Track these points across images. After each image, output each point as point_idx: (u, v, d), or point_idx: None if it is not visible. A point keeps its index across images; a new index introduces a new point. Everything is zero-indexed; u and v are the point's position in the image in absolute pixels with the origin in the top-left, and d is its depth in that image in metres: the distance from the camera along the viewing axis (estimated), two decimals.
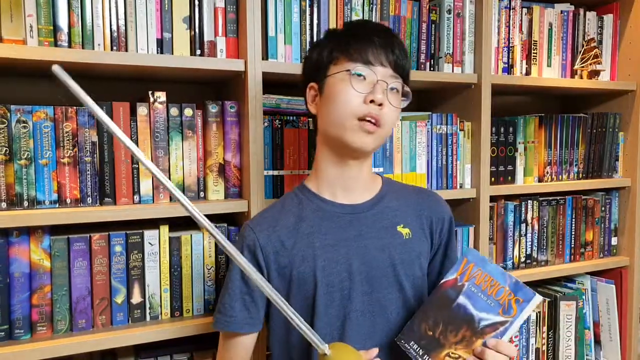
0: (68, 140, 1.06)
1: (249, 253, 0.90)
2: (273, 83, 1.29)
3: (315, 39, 1.26)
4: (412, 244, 0.94)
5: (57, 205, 1.06)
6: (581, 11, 1.68)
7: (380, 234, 0.92)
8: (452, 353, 0.78)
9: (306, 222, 0.91)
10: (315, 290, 0.87)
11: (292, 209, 0.94)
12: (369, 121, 0.85)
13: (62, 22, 1.03)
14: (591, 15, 1.70)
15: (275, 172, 1.23)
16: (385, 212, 0.94)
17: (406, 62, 0.91)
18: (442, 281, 0.86)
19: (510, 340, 0.79)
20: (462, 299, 0.82)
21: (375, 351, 0.78)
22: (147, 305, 1.13)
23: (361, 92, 0.85)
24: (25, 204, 1.03)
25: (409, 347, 0.82)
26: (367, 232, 0.91)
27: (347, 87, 0.85)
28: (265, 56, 1.20)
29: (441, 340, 0.80)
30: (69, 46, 1.04)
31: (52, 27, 1.03)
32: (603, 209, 1.73)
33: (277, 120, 1.23)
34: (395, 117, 0.90)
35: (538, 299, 0.77)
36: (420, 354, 0.80)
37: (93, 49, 1.06)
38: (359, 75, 0.86)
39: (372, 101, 0.85)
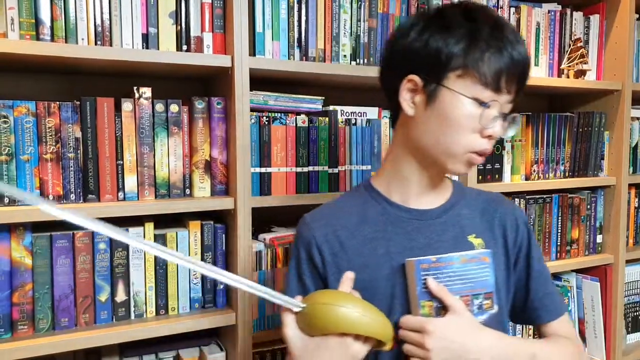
0: (51, 135, 1.04)
1: (304, 251, 0.85)
2: (262, 79, 1.28)
3: (303, 36, 1.25)
4: None
5: None
6: (568, 11, 1.69)
7: (450, 244, 0.83)
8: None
9: (370, 225, 0.85)
10: (376, 300, 0.78)
11: (354, 209, 0.87)
12: (478, 154, 0.78)
13: (45, 15, 1.01)
14: (578, 16, 1.71)
15: (263, 169, 1.22)
16: (456, 220, 0.86)
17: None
18: None
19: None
20: None
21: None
22: (132, 304, 1.11)
23: (483, 125, 0.76)
24: (6, 200, 1.01)
25: None
26: (437, 241, 0.84)
27: (472, 121, 0.75)
28: (252, 52, 1.19)
29: None
30: (52, 40, 1.02)
31: (34, 21, 1.00)
32: (589, 207, 1.74)
33: (264, 117, 1.22)
34: None
35: None
36: None
37: (77, 43, 1.04)
38: (486, 105, 0.75)
39: (489, 136, 0.77)
